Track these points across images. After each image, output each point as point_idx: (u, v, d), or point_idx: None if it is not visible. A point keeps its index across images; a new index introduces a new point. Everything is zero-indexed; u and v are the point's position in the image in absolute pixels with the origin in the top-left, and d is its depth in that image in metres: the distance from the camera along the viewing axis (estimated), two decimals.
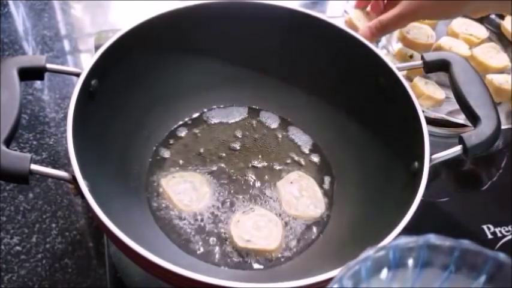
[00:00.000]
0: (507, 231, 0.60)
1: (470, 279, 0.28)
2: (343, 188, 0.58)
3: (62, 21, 0.84)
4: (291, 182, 0.58)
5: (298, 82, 0.63)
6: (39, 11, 0.84)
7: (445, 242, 0.28)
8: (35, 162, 0.42)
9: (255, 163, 0.60)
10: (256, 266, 0.52)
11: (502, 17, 0.82)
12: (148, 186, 0.56)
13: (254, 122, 0.64)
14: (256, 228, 0.53)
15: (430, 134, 0.49)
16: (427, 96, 0.65)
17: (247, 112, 0.65)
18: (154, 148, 0.60)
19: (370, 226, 0.49)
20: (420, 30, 0.76)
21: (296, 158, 0.61)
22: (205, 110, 0.64)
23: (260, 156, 0.61)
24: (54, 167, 0.58)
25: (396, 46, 0.76)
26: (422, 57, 0.55)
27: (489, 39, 0.79)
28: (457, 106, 0.54)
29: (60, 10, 0.85)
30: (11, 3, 0.84)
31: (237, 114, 0.64)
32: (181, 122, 0.63)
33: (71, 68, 0.51)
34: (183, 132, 0.62)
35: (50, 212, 0.59)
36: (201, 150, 0.60)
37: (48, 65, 0.49)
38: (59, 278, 0.53)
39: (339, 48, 0.58)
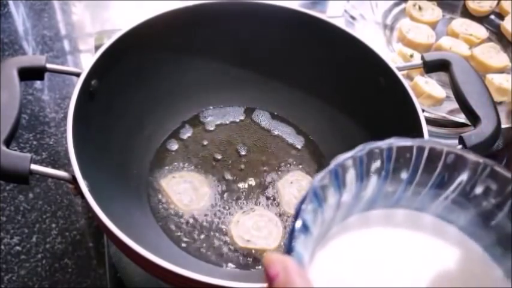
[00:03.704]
0: None
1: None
2: None
3: (62, 21, 0.84)
4: (291, 182, 0.58)
5: (298, 82, 0.63)
6: (39, 11, 0.84)
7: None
8: (35, 162, 0.42)
9: (255, 163, 0.60)
10: (256, 266, 0.52)
11: (502, 17, 0.82)
12: (149, 186, 0.56)
13: (253, 122, 0.64)
14: (256, 228, 0.53)
15: (430, 134, 0.49)
16: (428, 95, 0.65)
17: (246, 112, 0.65)
18: (154, 148, 0.60)
19: None
20: (420, 30, 0.76)
21: (296, 158, 0.61)
22: (204, 110, 0.64)
23: (260, 156, 0.61)
24: (54, 167, 0.58)
25: (396, 46, 0.76)
26: (422, 57, 0.55)
27: (489, 39, 0.79)
28: (457, 105, 0.54)
29: (60, 10, 0.85)
30: (11, 3, 0.84)
31: (236, 115, 0.64)
32: (181, 123, 0.63)
33: (71, 68, 0.51)
34: (183, 133, 0.62)
35: (50, 212, 0.59)
36: (201, 151, 0.60)
37: (48, 65, 0.49)
38: (59, 278, 0.53)
39: (339, 48, 0.58)
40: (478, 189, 0.27)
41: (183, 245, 0.52)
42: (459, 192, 0.28)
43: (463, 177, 0.28)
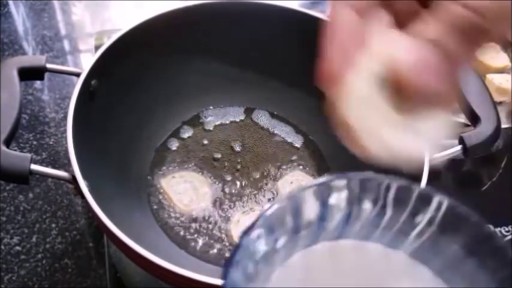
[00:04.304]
0: (507, 231, 0.60)
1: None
2: None
3: (62, 21, 0.84)
4: (291, 182, 0.58)
5: (298, 82, 0.63)
6: (39, 11, 0.84)
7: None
8: (35, 162, 0.42)
9: (255, 163, 0.60)
10: None
11: None
12: (149, 186, 0.56)
13: (253, 122, 0.64)
14: None
15: None
16: None
17: (246, 112, 0.65)
18: (154, 148, 0.60)
19: None
20: None
21: (296, 158, 0.61)
22: (204, 110, 0.64)
23: (259, 156, 0.61)
24: (54, 167, 0.58)
25: None
26: None
27: None
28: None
29: (60, 10, 0.85)
30: (11, 3, 0.84)
31: (236, 114, 0.64)
32: (181, 122, 0.63)
33: (71, 68, 0.51)
34: (183, 133, 0.62)
35: (50, 212, 0.59)
36: (201, 150, 0.60)
37: (48, 65, 0.49)
38: (59, 278, 0.53)
39: None
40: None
41: (183, 245, 0.52)
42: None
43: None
